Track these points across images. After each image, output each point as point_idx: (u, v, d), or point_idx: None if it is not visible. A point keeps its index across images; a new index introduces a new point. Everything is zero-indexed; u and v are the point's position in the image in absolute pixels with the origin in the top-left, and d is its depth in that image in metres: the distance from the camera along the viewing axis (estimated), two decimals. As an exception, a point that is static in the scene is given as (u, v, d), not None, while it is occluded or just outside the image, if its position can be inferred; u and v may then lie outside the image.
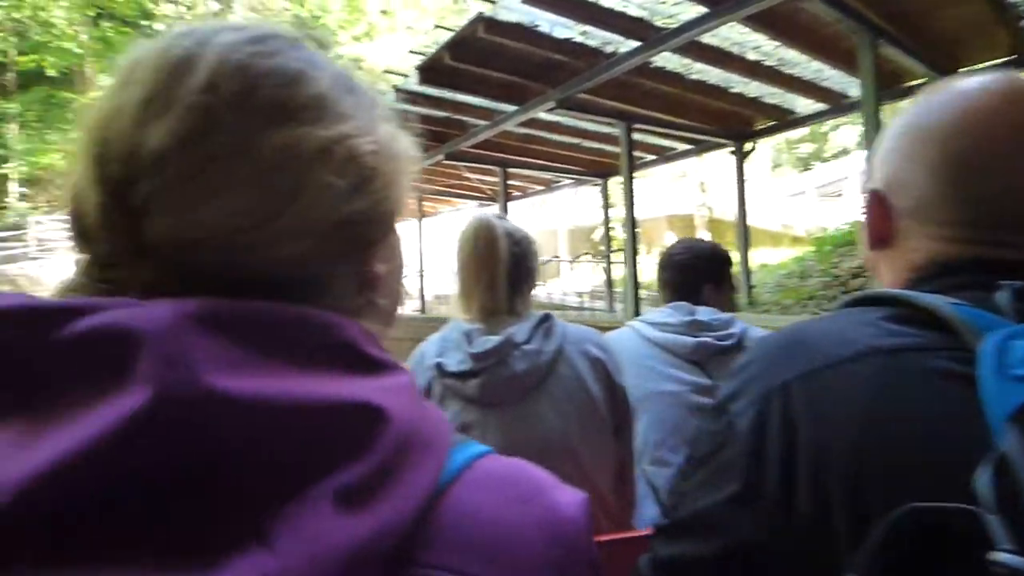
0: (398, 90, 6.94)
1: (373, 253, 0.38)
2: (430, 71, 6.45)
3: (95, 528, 0.24)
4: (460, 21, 6.17)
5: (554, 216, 20.73)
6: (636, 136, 6.87)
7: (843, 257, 8.62)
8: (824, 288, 8.15)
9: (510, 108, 6.89)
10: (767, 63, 5.80)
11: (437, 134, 8.18)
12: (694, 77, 6.22)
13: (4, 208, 24.33)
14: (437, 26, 6.73)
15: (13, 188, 24.99)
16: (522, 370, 1.21)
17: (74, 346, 0.27)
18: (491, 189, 10.39)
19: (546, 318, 1.31)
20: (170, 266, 0.33)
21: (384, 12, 29.72)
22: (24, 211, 23.17)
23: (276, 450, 0.27)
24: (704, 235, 19.06)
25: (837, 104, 6.61)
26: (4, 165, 25.10)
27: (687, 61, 5.82)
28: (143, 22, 26.86)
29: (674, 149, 8.65)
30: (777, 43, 5.30)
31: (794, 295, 8.49)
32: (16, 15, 24.68)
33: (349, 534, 0.27)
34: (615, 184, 9.18)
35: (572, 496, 0.39)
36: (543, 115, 6.76)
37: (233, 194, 0.33)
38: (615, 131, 6.86)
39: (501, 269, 1.30)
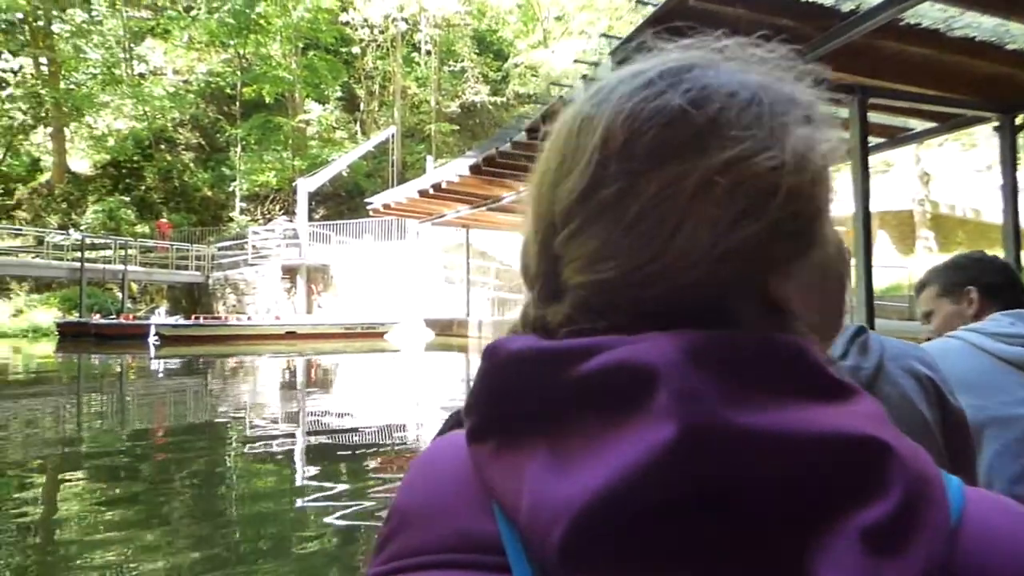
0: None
1: (781, 271, 0.35)
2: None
3: (645, 540, 0.27)
4: (637, 17, 5.67)
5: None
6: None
7: None
8: None
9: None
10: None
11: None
12: (956, 33, 5.01)
13: (231, 221, 27.93)
14: (603, 35, 6.22)
15: (237, 203, 28.57)
16: None
17: (588, 380, 0.31)
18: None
19: (861, 331, 1.15)
20: (581, 304, 0.36)
21: (559, 18, 29.81)
22: (245, 223, 26.35)
23: (791, 483, 0.29)
24: (927, 235, 16.39)
25: None
26: (231, 184, 28.91)
27: (952, 13, 4.66)
28: (343, 49, 29.59)
29: (909, 129, 7.24)
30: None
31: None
32: (242, 51, 28.28)
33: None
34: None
35: None
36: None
37: (620, 237, 0.35)
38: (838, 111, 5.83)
39: None
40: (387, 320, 18.82)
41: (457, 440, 0.38)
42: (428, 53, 29.51)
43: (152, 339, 15.47)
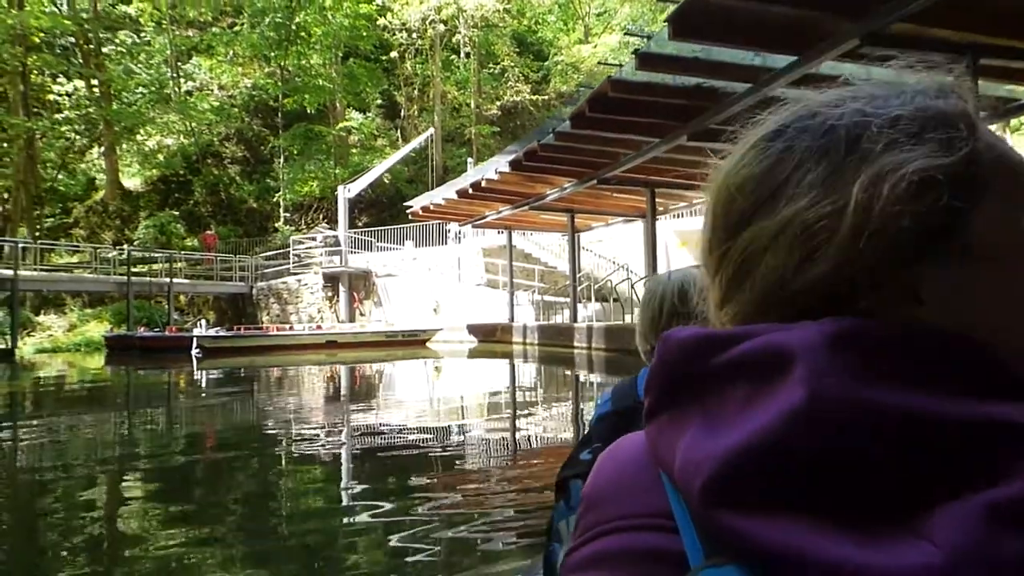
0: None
1: (923, 266, 0.36)
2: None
3: (771, 487, 0.31)
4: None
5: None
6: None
7: None
8: None
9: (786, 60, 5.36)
10: None
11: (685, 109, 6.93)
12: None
13: (276, 231, 28.08)
14: (627, 33, 5.59)
15: (281, 214, 28.72)
16: None
17: (740, 359, 0.35)
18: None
19: None
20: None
21: (600, 15, 29.01)
22: (289, 233, 26.40)
23: (913, 457, 0.31)
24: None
25: None
26: (276, 194, 29.12)
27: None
28: (383, 57, 29.47)
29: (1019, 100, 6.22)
30: None
31: None
32: (283, 63, 28.44)
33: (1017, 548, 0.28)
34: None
35: None
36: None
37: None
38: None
39: None
40: (429, 327, 18.30)
41: (636, 435, 0.43)
42: (467, 55, 29.10)
43: (194, 351, 15.32)
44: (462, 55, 29.54)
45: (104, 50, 28.32)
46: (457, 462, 4.72)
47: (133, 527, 3.36)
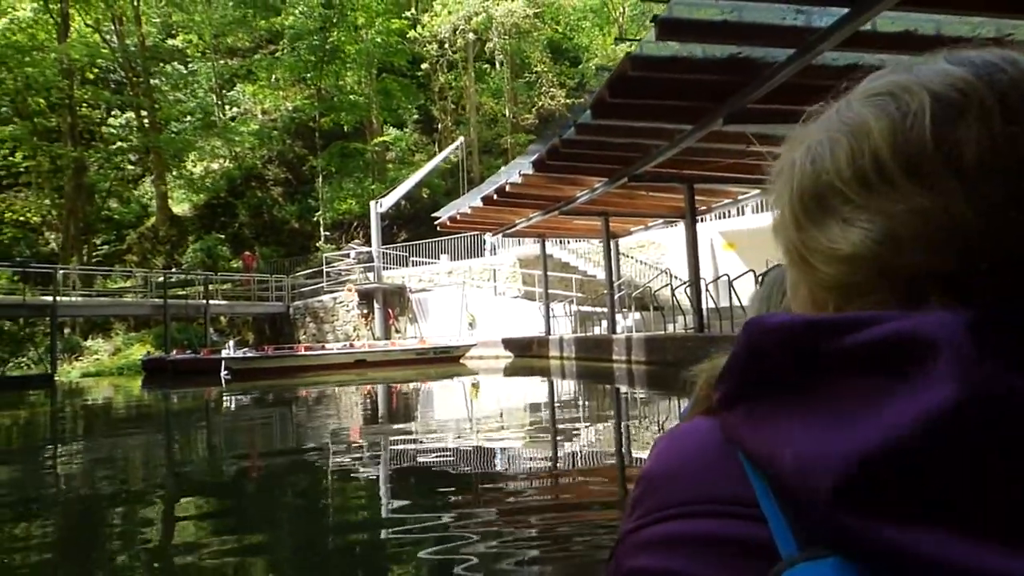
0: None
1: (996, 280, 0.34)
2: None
3: (926, 489, 0.28)
4: None
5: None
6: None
7: None
8: None
9: (832, 15, 4.41)
10: None
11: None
12: None
13: (317, 250, 28.12)
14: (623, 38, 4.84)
15: (321, 232, 28.77)
16: None
17: (862, 350, 0.32)
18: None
19: None
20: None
21: (635, 16, 28.09)
22: (330, 251, 26.32)
23: None
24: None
25: None
26: (315, 214, 29.23)
27: None
28: (418, 73, 29.34)
29: None
30: None
31: None
32: (320, 84, 28.62)
33: None
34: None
35: None
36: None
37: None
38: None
39: None
40: (462, 343, 17.59)
41: (698, 420, 0.42)
42: (500, 64, 28.64)
43: (223, 373, 15.04)
44: (496, 64, 29.12)
45: (153, 82, 29.16)
46: (496, 480, 4.47)
47: (174, 546, 3.42)
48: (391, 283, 21.73)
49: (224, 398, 11.93)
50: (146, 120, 28.84)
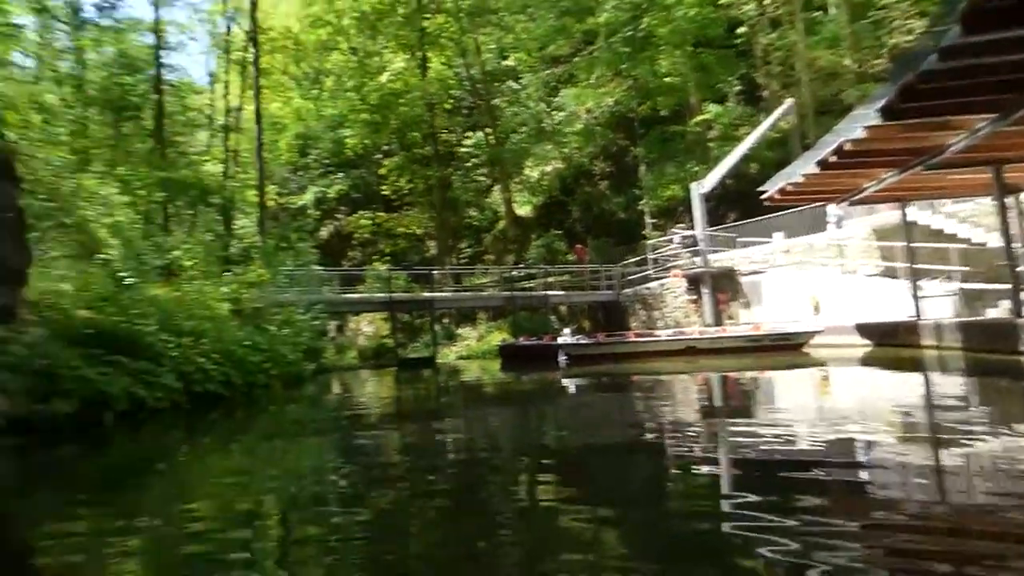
0: None
1: None
2: None
3: None
4: None
5: None
6: None
7: None
8: None
9: None
10: None
11: None
12: None
13: (644, 238, 28.50)
14: None
15: (647, 220, 29.07)
16: None
17: None
18: None
19: None
20: None
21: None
22: (653, 238, 26.45)
23: None
24: None
25: None
26: (640, 203, 29.69)
27: None
28: (737, 41, 27.34)
29: None
30: None
31: None
32: (634, 73, 28.86)
33: None
34: None
35: None
36: None
37: None
38: None
39: None
40: (804, 329, 15.76)
41: None
42: (836, 6, 24.89)
43: (561, 359, 16.21)
44: (829, 9, 25.41)
45: (493, 102, 33.23)
46: (860, 490, 3.80)
47: (541, 503, 3.87)
48: (719, 266, 20.73)
49: (563, 381, 12.79)
50: (491, 136, 32.93)
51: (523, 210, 34.37)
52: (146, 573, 3.05)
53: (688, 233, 22.37)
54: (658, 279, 22.83)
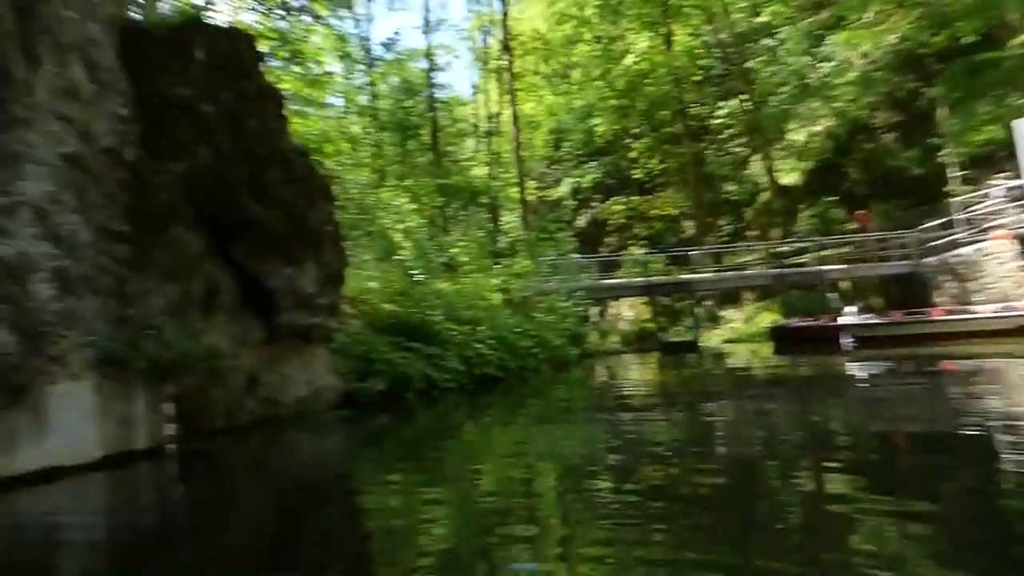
0: None
1: None
2: None
3: None
4: None
5: None
6: None
7: None
8: None
9: None
10: None
11: None
12: None
13: (948, 196, 23.90)
14: None
15: (951, 173, 24.22)
16: None
17: None
18: None
19: None
20: None
21: None
22: (962, 194, 21.97)
23: None
24: None
25: None
26: (940, 153, 24.81)
27: None
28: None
29: None
30: None
31: None
32: (926, -2, 24.13)
33: None
34: None
35: None
36: None
37: None
38: None
39: None
40: None
41: None
42: None
43: (846, 341, 14.37)
44: None
45: (747, 65, 30.82)
46: None
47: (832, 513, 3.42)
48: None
49: (849, 366, 11.33)
50: (747, 103, 30.59)
51: (788, 178, 31.27)
52: (450, 518, 3.72)
53: (1015, 183, 18.09)
54: (973, 243, 18.91)
